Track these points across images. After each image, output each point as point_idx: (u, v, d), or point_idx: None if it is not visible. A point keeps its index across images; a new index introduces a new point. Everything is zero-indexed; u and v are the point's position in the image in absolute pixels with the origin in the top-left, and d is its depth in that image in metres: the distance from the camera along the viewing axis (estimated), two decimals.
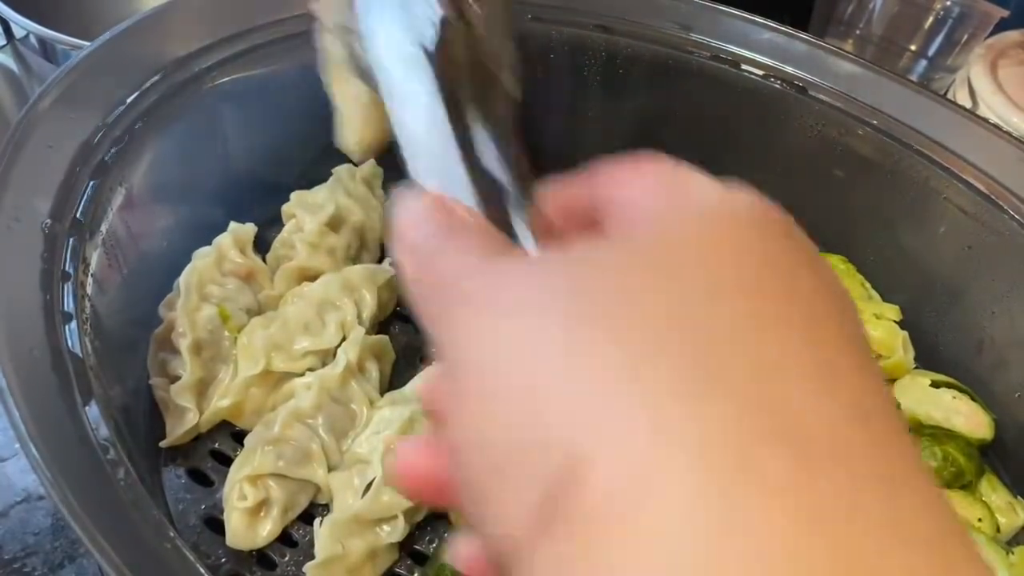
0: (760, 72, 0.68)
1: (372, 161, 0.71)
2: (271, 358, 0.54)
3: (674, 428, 0.16)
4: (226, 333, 0.56)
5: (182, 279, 0.57)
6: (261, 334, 0.55)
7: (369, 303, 0.60)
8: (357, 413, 0.54)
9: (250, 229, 0.62)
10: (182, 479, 0.51)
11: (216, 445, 0.53)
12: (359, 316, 0.59)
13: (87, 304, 0.46)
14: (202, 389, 0.53)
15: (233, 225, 0.61)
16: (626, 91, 0.73)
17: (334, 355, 0.57)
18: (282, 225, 0.65)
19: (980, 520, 0.54)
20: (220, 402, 0.53)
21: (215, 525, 0.49)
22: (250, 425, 0.53)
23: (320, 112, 0.69)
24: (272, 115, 0.66)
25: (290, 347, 0.56)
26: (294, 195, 0.66)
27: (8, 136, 0.47)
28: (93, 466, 0.38)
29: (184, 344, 0.53)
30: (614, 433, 0.16)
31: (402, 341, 0.62)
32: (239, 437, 0.52)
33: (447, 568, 0.47)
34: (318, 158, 0.69)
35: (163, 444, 0.52)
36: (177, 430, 0.52)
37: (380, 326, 0.62)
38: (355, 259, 0.65)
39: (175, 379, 0.53)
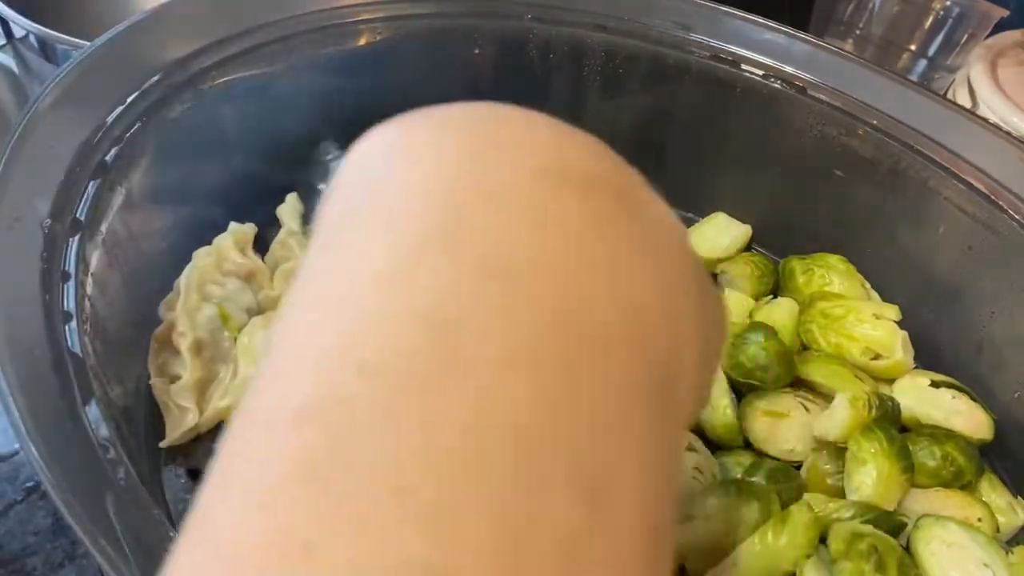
0: (760, 72, 0.68)
1: None
2: None
3: None
4: (226, 333, 0.56)
5: (182, 279, 0.57)
6: (261, 335, 0.55)
7: None
8: None
9: (250, 229, 0.61)
10: (182, 479, 0.51)
11: (216, 445, 0.53)
12: None
13: (87, 304, 0.46)
14: (202, 389, 0.53)
15: (233, 225, 0.61)
16: (626, 91, 0.73)
17: None
18: (281, 225, 0.65)
19: (980, 520, 0.53)
20: (220, 402, 0.53)
21: None
22: None
23: (320, 113, 0.69)
24: (272, 115, 0.66)
25: None
26: (289, 197, 0.66)
27: (8, 136, 0.47)
28: (93, 466, 0.38)
29: (185, 344, 0.53)
30: None
31: None
32: None
33: None
34: (318, 158, 0.69)
35: (163, 444, 0.52)
36: (177, 430, 0.52)
37: None
38: None
39: (175, 379, 0.53)
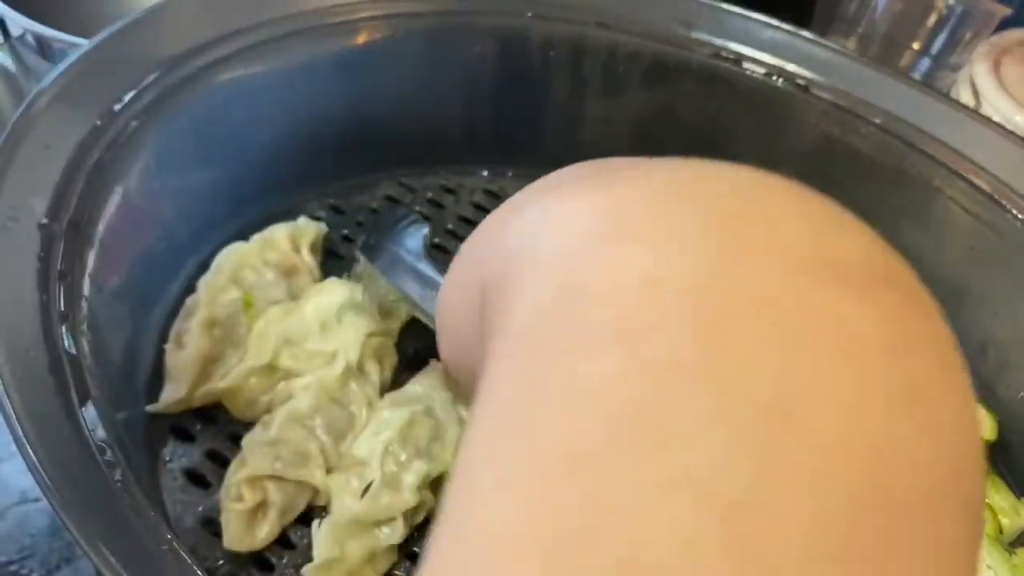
0: (762, 70, 0.67)
1: None
2: (280, 353, 0.54)
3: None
4: (244, 319, 0.56)
5: (218, 257, 0.57)
6: (276, 328, 0.55)
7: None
8: (356, 415, 0.54)
9: (311, 226, 0.62)
10: (179, 480, 0.51)
11: (214, 446, 0.53)
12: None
13: (84, 304, 0.46)
14: (204, 366, 0.53)
15: (301, 220, 0.62)
16: (626, 89, 0.72)
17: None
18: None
19: None
20: (218, 383, 0.53)
21: (212, 527, 0.49)
22: (242, 413, 0.53)
23: (321, 111, 0.69)
24: (272, 113, 0.66)
25: (303, 345, 0.55)
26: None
27: (5, 135, 0.47)
28: (90, 467, 0.38)
29: (197, 318, 0.54)
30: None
31: (405, 342, 0.62)
32: (236, 438, 0.52)
33: None
34: (319, 156, 0.69)
35: (150, 409, 0.52)
36: (166, 400, 0.52)
37: None
38: None
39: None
